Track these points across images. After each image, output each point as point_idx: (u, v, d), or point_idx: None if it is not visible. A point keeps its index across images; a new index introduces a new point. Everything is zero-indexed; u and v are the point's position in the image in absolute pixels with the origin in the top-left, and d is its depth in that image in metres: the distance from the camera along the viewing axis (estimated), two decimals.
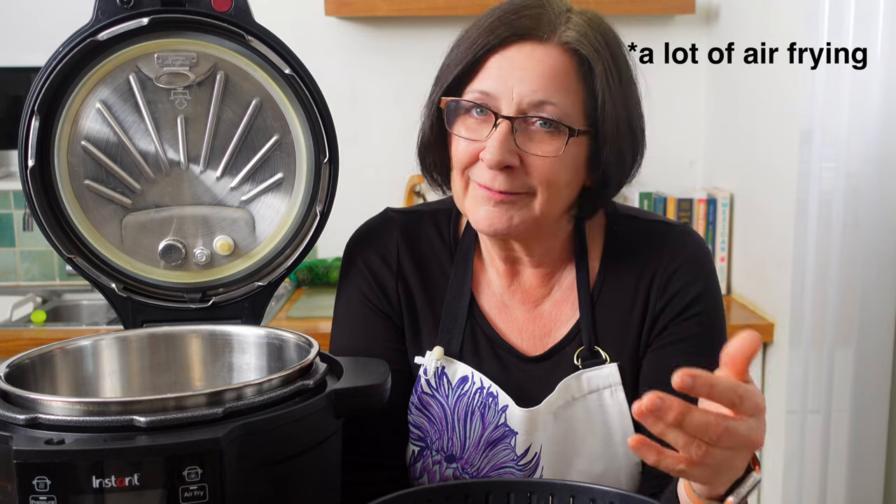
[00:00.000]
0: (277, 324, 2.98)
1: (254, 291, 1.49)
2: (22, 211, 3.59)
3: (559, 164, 1.37)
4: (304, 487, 1.19)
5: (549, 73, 1.36)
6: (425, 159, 1.51)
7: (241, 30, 1.39)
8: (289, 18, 2.45)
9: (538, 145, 1.37)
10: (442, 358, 1.49)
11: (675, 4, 3.44)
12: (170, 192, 1.47)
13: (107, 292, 1.47)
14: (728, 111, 3.36)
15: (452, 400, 1.50)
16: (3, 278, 3.69)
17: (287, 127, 1.45)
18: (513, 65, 1.37)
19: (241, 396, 1.13)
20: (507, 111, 1.36)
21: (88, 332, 2.93)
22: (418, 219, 1.60)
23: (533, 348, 1.53)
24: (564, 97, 1.37)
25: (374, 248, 1.57)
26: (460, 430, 1.50)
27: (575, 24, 1.39)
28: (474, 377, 1.49)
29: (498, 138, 1.35)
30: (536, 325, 1.54)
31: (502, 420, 1.47)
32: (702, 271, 1.52)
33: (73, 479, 1.02)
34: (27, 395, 1.12)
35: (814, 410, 2.19)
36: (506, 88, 1.36)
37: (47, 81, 1.37)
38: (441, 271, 1.56)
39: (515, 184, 1.37)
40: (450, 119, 1.42)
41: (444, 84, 1.42)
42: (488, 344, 1.52)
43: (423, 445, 1.52)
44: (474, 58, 1.39)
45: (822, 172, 2.18)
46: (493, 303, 1.55)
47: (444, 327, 1.53)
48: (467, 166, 1.41)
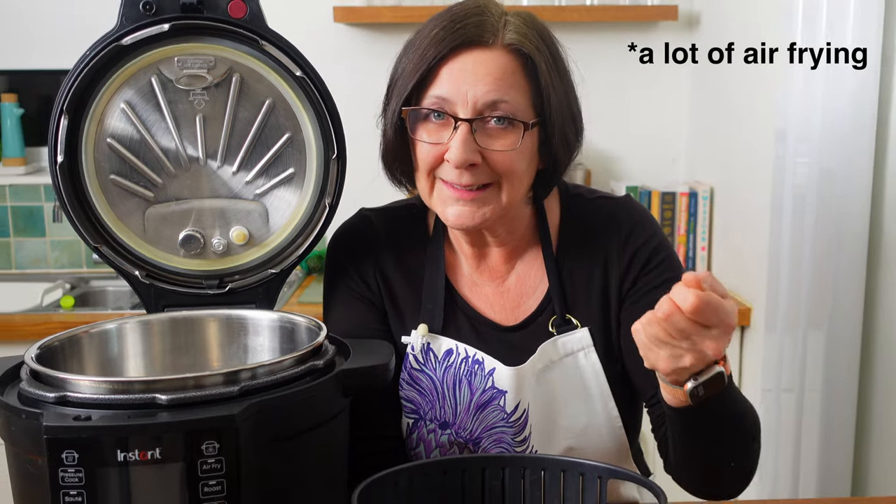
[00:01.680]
0: (289, 308, 2.98)
1: (267, 278, 1.49)
2: (52, 203, 3.59)
3: (517, 156, 1.42)
4: (315, 461, 1.19)
5: (498, 74, 1.40)
6: (390, 164, 1.54)
7: (256, 35, 1.39)
8: (300, 25, 2.44)
9: (497, 141, 1.41)
10: (427, 335, 1.52)
11: (659, 12, 3.44)
12: (189, 186, 1.47)
13: (130, 279, 1.46)
14: (709, 111, 3.36)
15: (440, 372, 1.53)
16: (34, 266, 3.68)
17: (298, 125, 1.45)
18: (464, 70, 1.40)
19: (255, 376, 1.12)
20: (464, 114, 1.39)
21: (113, 316, 2.92)
22: (390, 215, 1.64)
23: (506, 319, 1.56)
24: (515, 94, 1.41)
25: (353, 245, 1.61)
26: (451, 399, 1.52)
27: (514, 26, 1.42)
28: (458, 349, 1.52)
29: (460, 139, 1.39)
30: (505, 299, 1.58)
31: (490, 383, 1.50)
32: (653, 228, 1.58)
33: (100, 453, 1.02)
34: (56, 375, 1.12)
35: (788, 389, 2.20)
36: (460, 93, 1.39)
37: (75, 83, 1.37)
38: (416, 259, 1.59)
39: (481, 177, 1.42)
40: (412, 126, 1.45)
41: (402, 95, 1.44)
42: (466, 319, 1.56)
43: (417, 417, 1.54)
44: (427, 68, 1.41)
45: (796, 168, 2.18)
46: (464, 281, 1.59)
47: (424, 308, 1.55)
48: (433, 168, 1.45)
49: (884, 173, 2.04)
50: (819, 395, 2.13)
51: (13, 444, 1.11)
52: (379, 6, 3.41)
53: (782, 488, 2.27)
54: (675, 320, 1.13)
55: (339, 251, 1.61)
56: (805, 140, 2.15)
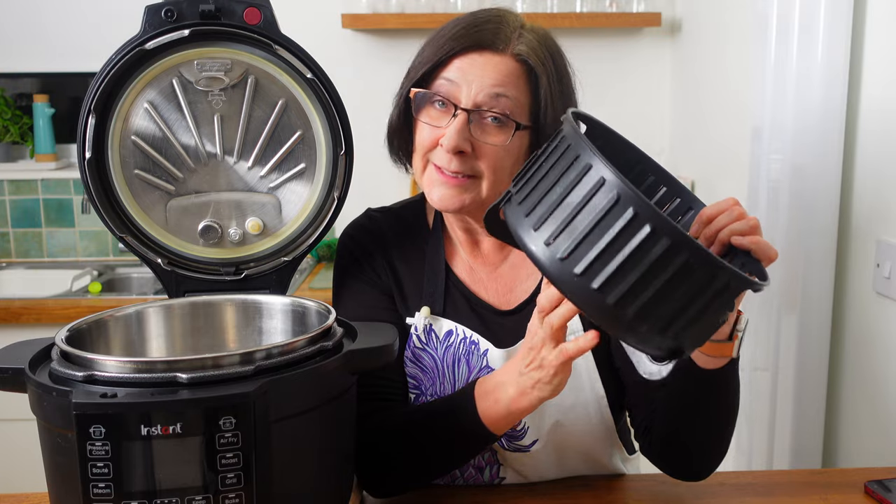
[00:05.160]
0: (301, 294, 2.98)
1: (280, 266, 1.49)
2: (80, 196, 3.59)
3: (504, 152, 1.44)
4: (324, 435, 1.20)
5: (504, 74, 1.43)
6: (393, 142, 1.56)
7: (270, 40, 1.39)
8: (310, 30, 2.44)
9: (489, 136, 1.43)
10: (429, 316, 1.54)
11: (644, 19, 3.44)
12: (208, 180, 1.47)
13: (153, 266, 1.46)
14: (690, 109, 3.35)
15: (441, 351, 1.54)
16: (65, 255, 3.69)
17: (309, 124, 1.45)
18: (473, 65, 1.43)
19: (269, 356, 1.12)
20: (466, 104, 1.42)
21: (138, 301, 2.93)
22: (394, 213, 1.66)
23: (500, 303, 1.57)
24: (515, 94, 1.43)
25: (362, 239, 1.62)
26: (450, 376, 1.53)
27: (526, 40, 1.45)
28: (458, 330, 1.53)
29: (456, 127, 1.41)
30: (499, 284, 1.59)
31: (484, 363, 1.52)
32: None
33: (125, 427, 1.02)
34: (84, 355, 1.12)
35: (763, 369, 2.19)
36: (466, 82, 1.42)
37: (102, 84, 1.37)
38: (418, 249, 1.60)
39: (465, 167, 1.44)
40: (416, 107, 1.47)
41: (413, 79, 1.47)
42: (465, 301, 1.57)
43: (419, 392, 1.55)
44: (440, 59, 1.44)
45: (771, 163, 2.18)
46: (462, 267, 1.60)
47: (426, 292, 1.57)
48: (428, 150, 1.47)
49: (852, 169, 2.04)
50: (792, 374, 2.13)
51: (45, 420, 1.11)
52: (384, 13, 3.41)
53: (757, 461, 2.27)
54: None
55: (350, 245, 1.62)
56: (779, 138, 2.14)
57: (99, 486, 1.03)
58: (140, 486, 1.04)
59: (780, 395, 2.19)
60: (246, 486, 1.06)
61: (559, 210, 1.03)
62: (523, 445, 1.52)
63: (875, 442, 2.00)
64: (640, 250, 0.98)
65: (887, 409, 1.94)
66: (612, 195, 0.99)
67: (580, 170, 1.02)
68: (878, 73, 1.98)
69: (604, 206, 0.99)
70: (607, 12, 3.44)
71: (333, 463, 1.24)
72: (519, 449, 1.52)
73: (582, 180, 1.02)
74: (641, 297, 0.99)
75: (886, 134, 1.94)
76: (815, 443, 2.17)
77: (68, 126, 3.63)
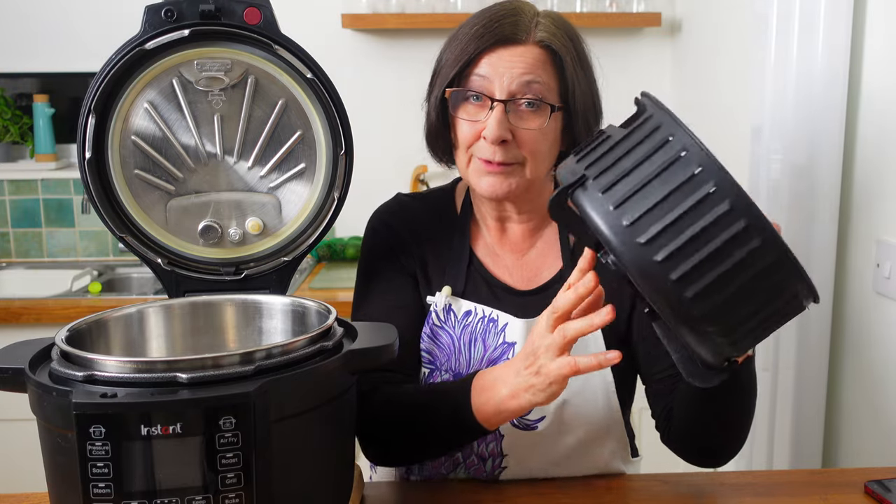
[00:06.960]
0: (301, 294, 2.98)
1: (280, 265, 1.49)
2: (80, 196, 3.59)
3: (542, 136, 1.49)
4: (324, 435, 1.20)
5: (531, 62, 1.48)
6: (433, 143, 1.61)
7: (269, 40, 1.39)
8: (310, 30, 2.44)
9: (526, 122, 1.48)
10: (450, 296, 1.58)
11: (644, 19, 3.44)
12: (208, 180, 1.47)
13: (153, 266, 1.46)
14: (691, 109, 3.35)
15: (458, 330, 1.58)
16: (65, 255, 3.69)
17: (309, 124, 1.45)
18: (501, 59, 1.48)
19: (269, 356, 1.12)
20: (500, 95, 1.47)
21: (138, 300, 2.93)
22: (422, 198, 1.72)
23: (522, 286, 1.61)
24: (545, 78, 1.49)
25: (391, 220, 1.66)
26: (466, 354, 1.57)
27: (544, 26, 1.50)
28: (477, 310, 1.58)
29: (496, 118, 1.46)
30: (523, 270, 1.63)
31: (501, 339, 1.56)
32: None
33: (125, 427, 1.02)
34: (84, 355, 1.12)
35: (763, 369, 2.19)
36: (498, 75, 1.47)
37: (102, 84, 1.37)
38: (444, 232, 1.65)
39: (509, 156, 1.49)
40: (453, 106, 1.52)
41: (445, 79, 1.51)
42: (485, 284, 1.61)
43: (433, 367, 1.59)
44: (468, 59, 1.49)
45: (771, 163, 2.18)
46: (486, 252, 1.64)
47: (448, 273, 1.61)
48: (470, 144, 1.51)
49: (852, 169, 2.04)
50: (792, 374, 2.13)
51: (45, 420, 1.11)
52: (384, 13, 3.41)
53: (757, 461, 2.27)
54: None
55: (378, 226, 1.66)
56: (779, 137, 2.15)
57: (99, 486, 1.03)
58: (140, 486, 1.04)
59: (780, 395, 2.19)
60: (246, 486, 1.06)
61: (645, 191, 1.01)
62: (531, 420, 1.55)
63: (875, 442, 2.00)
64: (729, 244, 0.97)
65: (887, 409, 1.94)
66: (709, 185, 0.98)
67: (673, 154, 1.01)
68: (878, 72, 1.98)
69: (697, 194, 0.98)
70: (607, 12, 3.44)
71: (333, 463, 1.24)
72: (527, 426, 1.55)
73: (675, 163, 1.01)
74: (722, 294, 0.99)
75: (886, 134, 1.94)
76: (815, 443, 2.17)
77: (68, 126, 3.63)
